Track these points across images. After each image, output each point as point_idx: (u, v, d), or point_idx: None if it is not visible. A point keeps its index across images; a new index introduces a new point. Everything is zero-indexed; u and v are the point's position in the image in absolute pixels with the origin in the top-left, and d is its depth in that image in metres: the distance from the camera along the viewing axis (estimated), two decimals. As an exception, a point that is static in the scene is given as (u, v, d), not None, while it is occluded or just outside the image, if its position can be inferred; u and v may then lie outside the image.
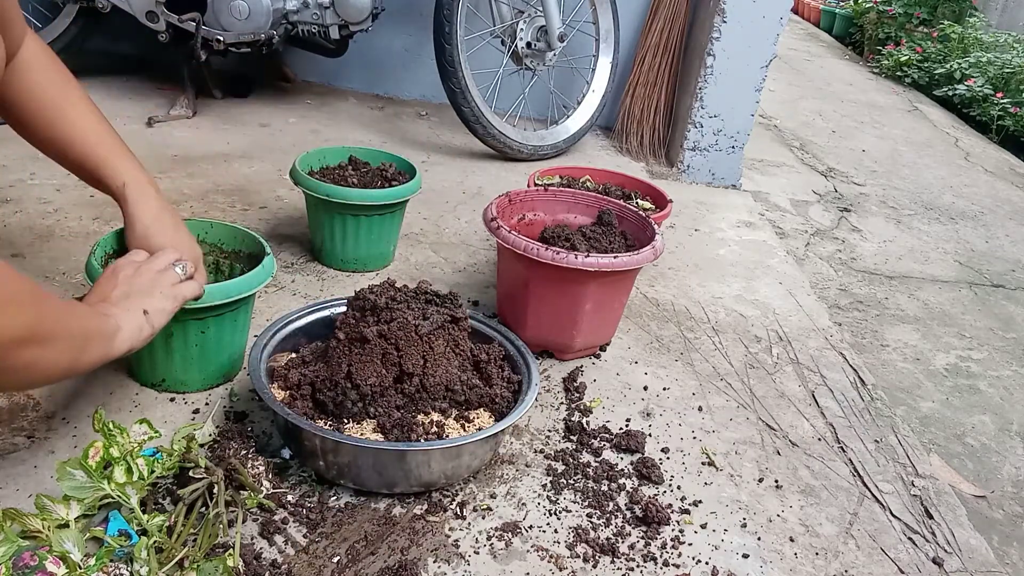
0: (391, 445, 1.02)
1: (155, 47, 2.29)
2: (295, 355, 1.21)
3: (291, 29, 2.35)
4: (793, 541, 1.12)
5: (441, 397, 1.12)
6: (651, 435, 1.29)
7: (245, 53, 2.33)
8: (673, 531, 1.09)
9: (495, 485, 1.13)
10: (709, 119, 2.57)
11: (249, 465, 1.01)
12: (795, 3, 7.56)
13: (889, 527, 1.19)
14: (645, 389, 1.42)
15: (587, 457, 1.21)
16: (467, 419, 1.13)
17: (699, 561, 1.05)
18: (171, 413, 1.16)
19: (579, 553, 1.03)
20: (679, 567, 1.03)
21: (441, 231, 1.93)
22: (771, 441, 1.34)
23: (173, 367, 1.17)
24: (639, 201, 1.86)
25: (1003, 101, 4.46)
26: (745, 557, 1.07)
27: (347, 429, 1.07)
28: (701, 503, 1.16)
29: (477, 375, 1.19)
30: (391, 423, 1.07)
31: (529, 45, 2.42)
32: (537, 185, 1.80)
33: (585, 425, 1.28)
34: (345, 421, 1.09)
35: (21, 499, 0.96)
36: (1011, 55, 5.05)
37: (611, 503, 1.12)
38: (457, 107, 2.32)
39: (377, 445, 1.02)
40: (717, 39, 2.46)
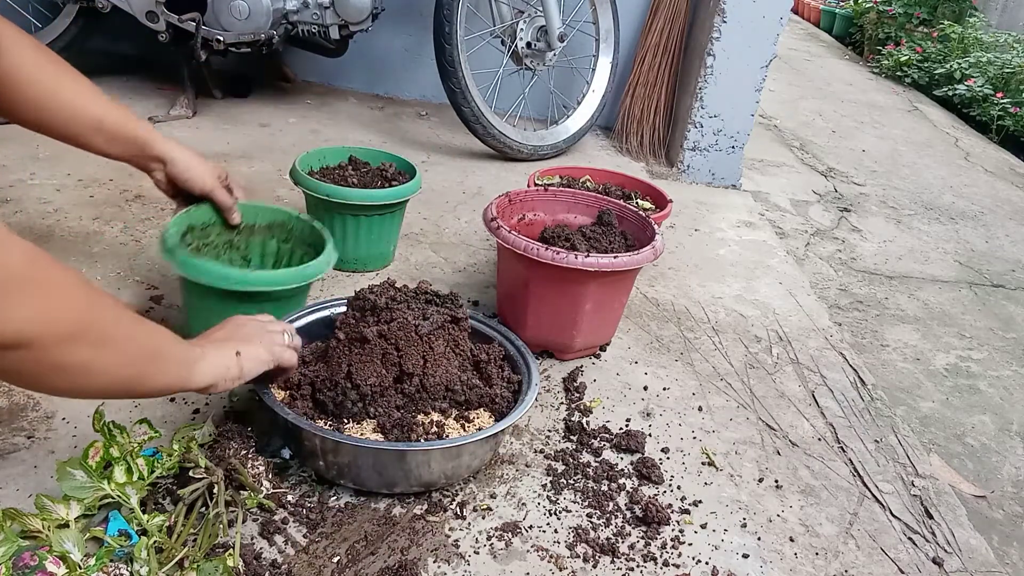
0: (391, 445, 1.02)
1: (155, 47, 2.29)
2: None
3: (291, 29, 2.35)
4: (793, 541, 1.12)
5: (441, 397, 1.12)
6: (651, 435, 1.29)
7: (245, 53, 2.33)
8: (673, 531, 1.09)
9: (495, 485, 1.13)
10: (709, 119, 2.57)
11: (249, 465, 1.01)
12: (795, 3, 7.56)
13: (889, 527, 1.19)
14: (645, 389, 1.42)
15: (587, 457, 1.21)
16: (467, 419, 1.13)
17: (699, 561, 1.05)
18: (171, 413, 1.16)
19: (579, 553, 1.03)
20: (679, 567, 1.04)
21: (441, 231, 1.93)
22: (771, 441, 1.34)
23: None
24: (639, 201, 1.86)
25: (1003, 101, 4.46)
26: (745, 557, 1.07)
27: (347, 429, 1.07)
28: (701, 503, 1.16)
29: (477, 375, 1.19)
30: (391, 423, 1.07)
31: (529, 45, 2.42)
32: (537, 185, 1.80)
33: (585, 425, 1.28)
34: (345, 421, 1.09)
35: (21, 499, 0.96)
36: (1011, 55, 5.04)
37: (611, 503, 1.12)
38: (457, 107, 2.32)
39: (377, 445, 1.02)
40: (717, 39, 2.46)
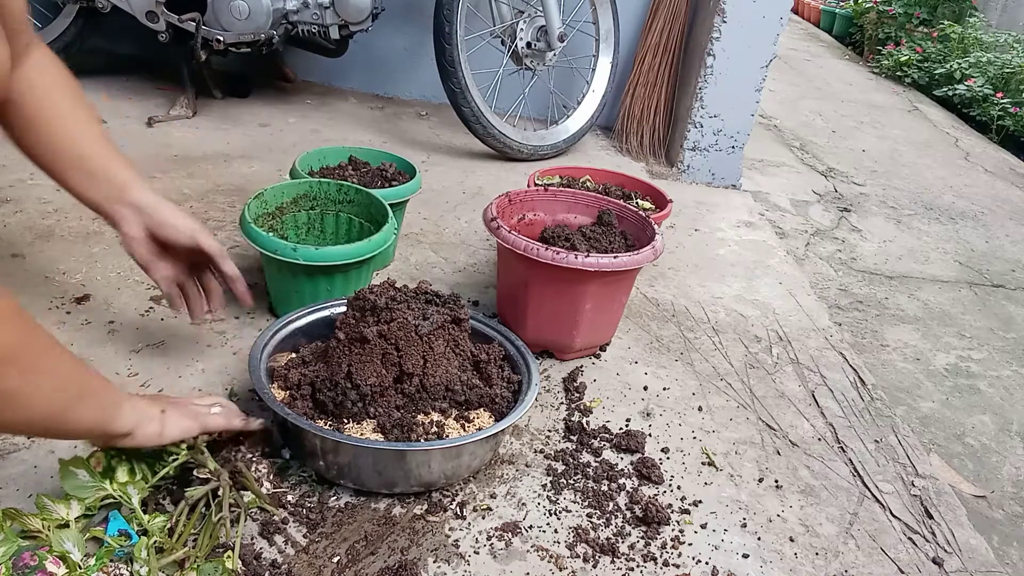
0: (390, 445, 1.02)
1: (155, 47, 2.29)
2: (295, 355, 1.21)
3: (291, 29, 2.35)
4: (793, 541, 1.12)
5: (441, 397, 1.12)
6: (651, 435, 1.29)
7: (245, 53, 2.33)
8: (673, 531, 1.09)
9: (495, 485, 1.13)
10: (709, 119, 2.57)
11: (252, 468, 1.01)
12: (795, 3, 7.56)
13: (889, 527, 1.19)
14: (645, 389, 1.42)
15: (587, 457, 1.21)
16: (467, 419, 1.13)
17: (699, 561, 1.05)
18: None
19: (579, 553, 1.03)
20: (679, 567, 1.04)
21: (441, 231, 1.93)
22: (771, 441, 1.34)
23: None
24: (639, 201, 1.86)
25: (1003, 101, 4.46)
26: (745, 557, 1.07)
27: (347, 429, 1.07)
28: (701, 503, 1.16)
29: (477, 375, 1.19)
30: (391, 423, 1.07)
31: (529, 45, 2.42)
32: (537, 185, 1.80)
33: (585, 425, 1.28)
34: (345, 421, 1.09)
35: (21, 499, 0.96)
36: (1011, 55, 5.04)
37: (611, 503, 1.12)
38: (457, 107, 2.32)
39: (376, 445, 1.02)
40: (717, 39, 2.46)
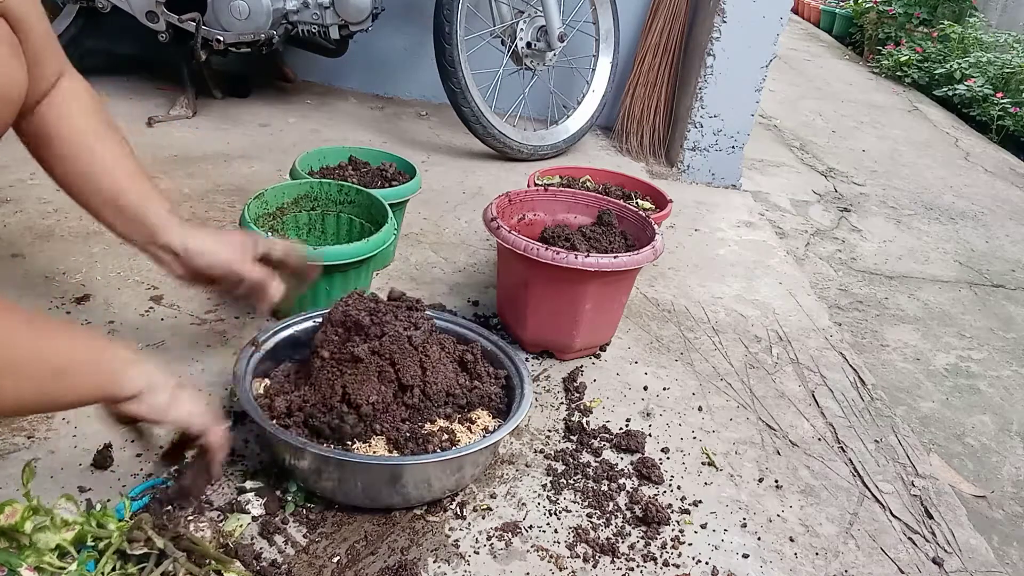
0: (395, 459, 1.01)
1: (155, 47, 2.29)
2: (268, 380, 1.15)
3: (291, 29, 2.35)
4: (793, 541, 1.12)
5: (443, 403, 1.11)
6: (651, 435, 1.29)
7: (245, 53, 2.33)
8: (673, 531, 1.09)
9: (495, 485, 1.13)
10: (709, 119, 2.57)
11: (192, 527, 0.89)
12: (795, 3, 7.56)
13: (889, 527, 1.19)
14: (645, 389, 1.42)
15: (587, 457, 1.21)
16: (470, 420, 1.12)
17: (699, 561, 1.05)
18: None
19: (579, 553, 1.03)
20: (679, 567, 1.03)
21: (441, 231, 1.93)
22: (771, 441, 1.34)
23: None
24: (639, 201, 1.86)
25: (1003, 101, 4.46)
26: (745, 557, 1.07)
27: (356, 450, 1.04)
28: (701, 503, 1.16)
29: (467, 375, 1.18)
30: (403, 437, 1.05)
31: (529, 45, 2.42)
32: (537, 185, 1.80)
33: (585, 425, 1.28)
34: (350, 443, 1.04)
35: (20, 499, 0.96)
36: (1011, 55, 5.04)
37: (611, 503, 1.12)
38: (457, 107, 2.32)
39: (415, 461, 0.99)
40: (717, 39, 2.46)
